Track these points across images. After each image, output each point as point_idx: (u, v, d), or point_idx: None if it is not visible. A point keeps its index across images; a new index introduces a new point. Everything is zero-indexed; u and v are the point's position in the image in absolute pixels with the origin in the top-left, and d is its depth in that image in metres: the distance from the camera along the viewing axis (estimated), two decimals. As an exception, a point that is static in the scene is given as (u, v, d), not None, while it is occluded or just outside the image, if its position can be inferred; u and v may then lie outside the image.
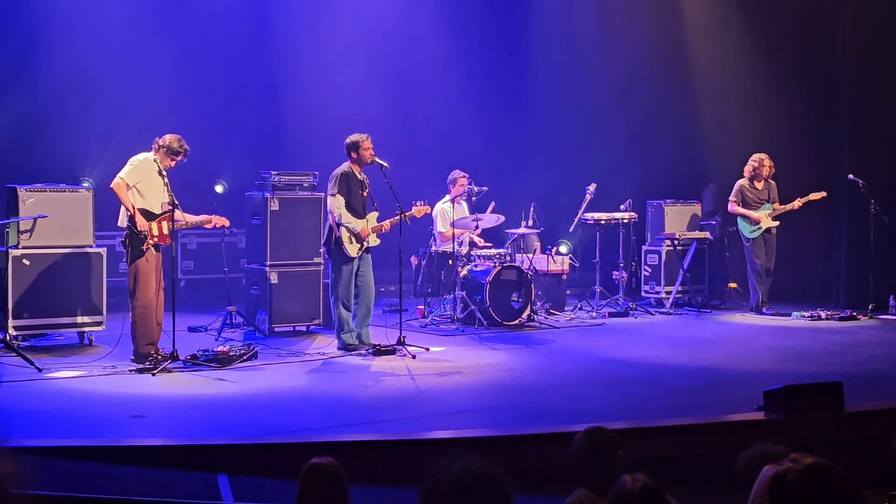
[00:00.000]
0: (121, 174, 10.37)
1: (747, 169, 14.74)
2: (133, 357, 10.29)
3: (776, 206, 14.65)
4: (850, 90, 15.63)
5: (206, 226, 11.17)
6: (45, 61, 14.80)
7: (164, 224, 10.40)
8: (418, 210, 12.20)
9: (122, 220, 10.43)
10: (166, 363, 9.98)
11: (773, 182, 14.79)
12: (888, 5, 15.24)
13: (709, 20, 17.25)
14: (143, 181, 10.36)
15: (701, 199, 16.48)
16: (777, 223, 14.66)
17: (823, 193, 14.71)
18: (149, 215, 10.33)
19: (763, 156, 14.65)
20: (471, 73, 17.84)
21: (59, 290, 11.25)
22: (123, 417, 8.35)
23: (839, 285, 15.77)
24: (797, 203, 14.65)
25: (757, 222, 14.54)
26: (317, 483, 4.47)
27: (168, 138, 10.53)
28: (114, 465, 6.91)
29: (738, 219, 14.78)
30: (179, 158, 10.55)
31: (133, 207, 10.25)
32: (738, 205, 14.70)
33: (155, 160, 10.45)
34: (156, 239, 10.36)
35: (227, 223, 11.22)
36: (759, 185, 14.69)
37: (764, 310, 14.49)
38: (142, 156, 10.50)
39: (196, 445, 7.33)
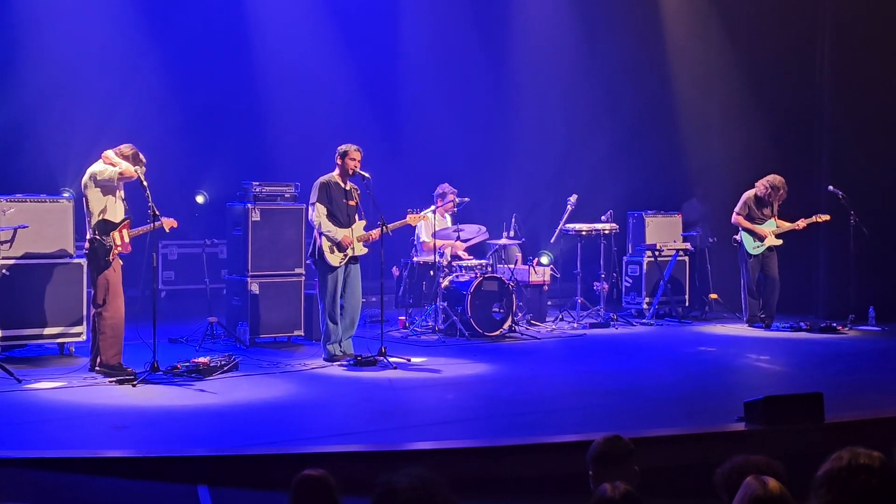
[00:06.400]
0: (110, 171, 10.19)
1: (761, 187, 14.46)
2: (99, 368, 10.23)
3: (778, 221, 14.57)
4: (829, 102, 15.74)
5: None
6: (26, 71, 14.78)
7: (125, 232, 10.35)
8: (413, 218, 12.29)
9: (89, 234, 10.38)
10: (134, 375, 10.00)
11: None
12: (867, 19, 15.34)
13: (690, 33, 17.33)
14: (117, 191, 10.33)
15: (682, 211, 16.51)
16: (780, 242, 14.56)
17: (827, 217, 14.69)
18: (111, 225, 10.27)
19: (783, 182, 14.40)
20: (453, 84, 17.90)
21: (39, 300, 11.20)
22: (104, 428, 8.33)
23: (819, 296, 15.84)
24: (800, 223, 14.59)
25: (762, 238, 14.47)
26: (309, 495, 4.46)
27: (126, 149, 10.40)
28: (94, 476, 6.88)
29: (742, 232, 14.59)
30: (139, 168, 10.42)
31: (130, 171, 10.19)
32: (744, 218, 14.62)
33: None
34: (120, 248, 10.32)
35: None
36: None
37: (756, 324, 14.46)
38: (101, 166, 10.35)
39: (176, 457, 7.30)
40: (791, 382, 10.66)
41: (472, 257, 14.27)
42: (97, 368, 10.24)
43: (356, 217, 11.61)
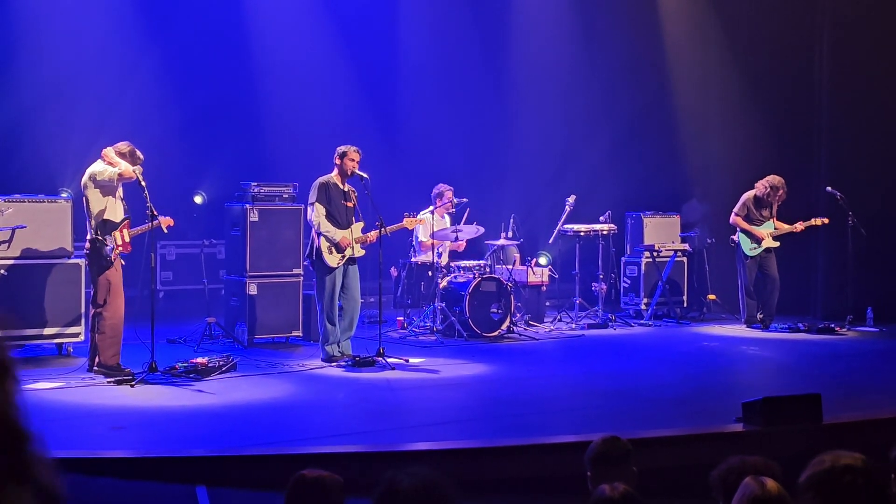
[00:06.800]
0: (107, 174, 10.11)
1: (761, 188, 14.45)
2: (97, 369, 10.22)
3: (776, 223, 14.58)
4: (827, 103, 15.74)
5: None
6: (25, 71, 14.78)
7: (125, 232, 10.35)
8: (410, 222, 12.34)
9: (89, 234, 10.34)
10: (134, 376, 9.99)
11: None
12: (866, 20, 15.34)
13: (688, 34, 17.33)
14: (116, 192, 10.31)
15: (681, 211, 16.51)
16: (777, 244, 14.58)
17: (825, 220, 14.69)
18: (111, 225, 10.26)
19: (783, 183, 14.40)
20: (452, 85, 17.91)
21: (37, 300, 11.20)
22: (102, 429, 8.32)
23: (817, 297, 15.83)
24: (798, 226, 14.60)
25: (759, 240, 14.48)
26: (303, 497, 4.43)
27: (123, 146, 10.36)
28: (92, 477, 6.88)
29: (740, 233, 14.61)
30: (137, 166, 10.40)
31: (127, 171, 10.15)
32: (743, 219, 14.59)
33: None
34: (121, 248, 10.31)
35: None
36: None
37: (754, 325, 14.45)
38: (101, 166, 10.31)
39: (175, 457, 7.30)
40: (789, 383, 10.66)
41: (464, 241, 14.21)
42: (95, 369, 10.24)
43: (354, 219, 11.61)
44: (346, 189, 11.57)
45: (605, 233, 14.98)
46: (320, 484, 4.42)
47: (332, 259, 11.37)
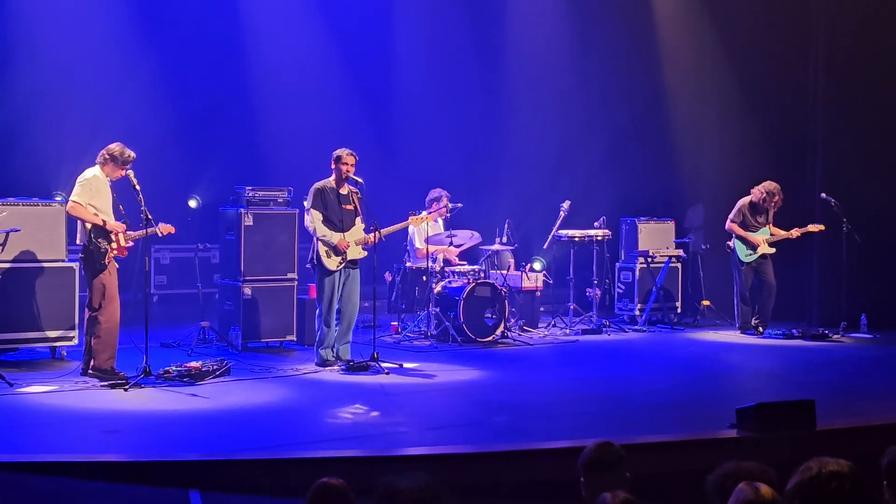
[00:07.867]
0: (73, 197, 10.18)
1: (757, 193, 14.44)
2: (92, 372, 10.20)
3: (772, 229, 14.58)
4: (822, 109, 15.74)
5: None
6: (19, 74, 14.74)
7: (121, 236, 10.33)
8: (416, 220, 12.40)
9: (81, 238, 10.31)
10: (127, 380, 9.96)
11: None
12: (861, 27, 15.35)
13: (683, 39, 17.33)
14: (95, 198, 10.25)
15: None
16: (773, 250, 14.57)
17: (821, 227, 14.70)
18: (104, 230, 10.23)
19: (779, 189, 14.40)
20: (447, 90, 17.89)
21: (31, 304, 11.18)
22: (95, 433, 8.31)
23: (812, 304, 15.82)
24: (794, 233, 14.60)
25: (755, 246, 14.48)
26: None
27: (114, 148, 10.32)
28: (85, 480, 6.87)
29: (735, 240, 14.60)
30: (128, 167, 10.40)
31: (99, 219, 10.13)
32: (738, 225, 14.60)
33: (102, 174, 10.35)
34: (115, 252, 10.29)
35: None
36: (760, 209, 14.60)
37: (748, 331, 14.44)
38: (90, 173, 10.31)
39: (168, 461, 7.28)
40: (783, 389, 10.66)
41: (464, 262, 14.27)
42: (90, 372, 10.22)
43: (355, 221, 11.60)
44: (344, 192, 11.57)
45: (599, 238, 15.00)
46: (341, 492, 4.44)
47: (332, 262, 11.38)
